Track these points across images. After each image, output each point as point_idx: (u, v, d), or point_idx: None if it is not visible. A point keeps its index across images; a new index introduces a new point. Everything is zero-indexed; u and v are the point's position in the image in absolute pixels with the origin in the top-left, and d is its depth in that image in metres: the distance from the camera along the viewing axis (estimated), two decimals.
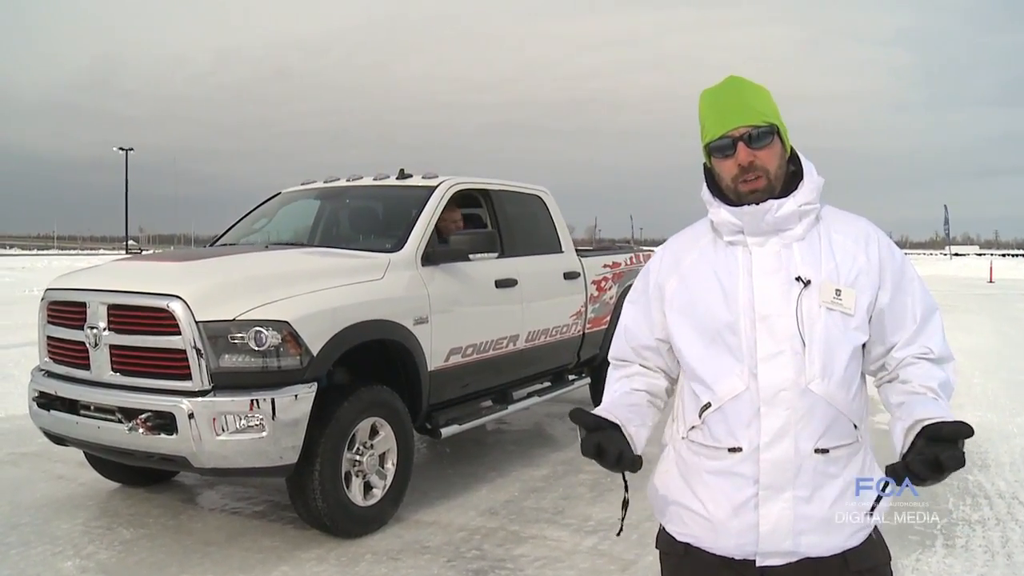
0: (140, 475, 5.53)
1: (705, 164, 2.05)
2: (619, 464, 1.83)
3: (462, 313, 5.53)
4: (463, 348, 5.51)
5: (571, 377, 7.35)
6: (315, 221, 6.38)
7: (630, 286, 7.59)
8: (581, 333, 7.16)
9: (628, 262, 8.11)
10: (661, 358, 2.14)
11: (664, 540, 2.11)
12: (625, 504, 2.02)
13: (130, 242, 68.56)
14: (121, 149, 62.96)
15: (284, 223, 6.36)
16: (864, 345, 1.93)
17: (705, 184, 2.05)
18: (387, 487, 4.87)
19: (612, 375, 2.23)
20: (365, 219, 6.32)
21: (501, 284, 5.95)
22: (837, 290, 1.87)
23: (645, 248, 9.47)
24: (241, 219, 6.56)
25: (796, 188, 1.94)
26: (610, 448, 1.84)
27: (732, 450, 1.90)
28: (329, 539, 4.64)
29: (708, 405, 1.94)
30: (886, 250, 1.96)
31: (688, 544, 2.01)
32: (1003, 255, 68.83)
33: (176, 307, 4.18)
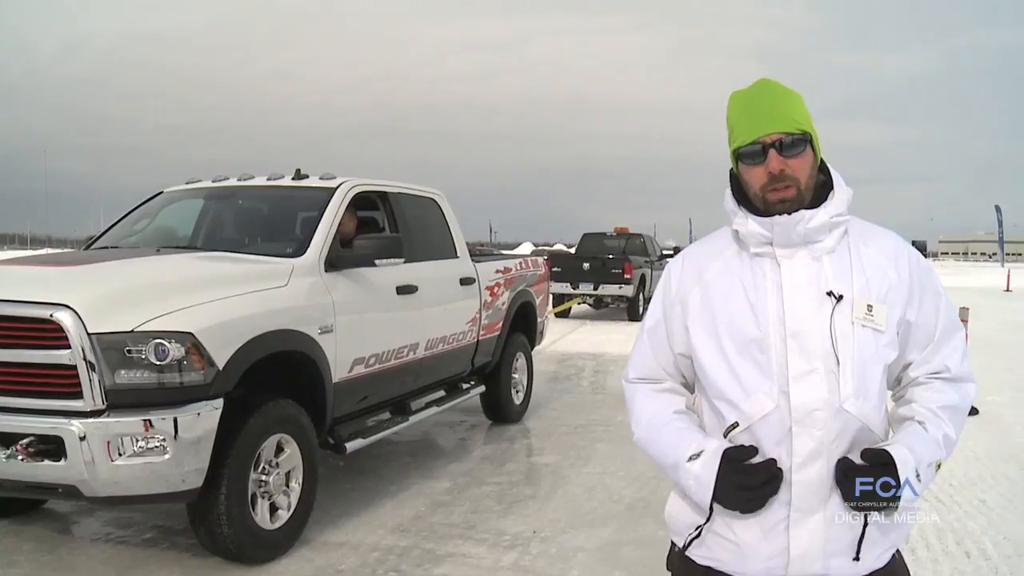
0: (2, 504, 4.98)
1: (732, 170, 1.95)
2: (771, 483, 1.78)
3: (366, 321, 5.28)
4: (366, 358, 5.26)
5: (465, 386, 7.20)
6: (203, 223, 5.94)
7: (521, 291, 7.60)
8: (476, 340, 7.01)
9: (518, 267, 8.05)
10: (682, 374, 2.05)
11: (680, 563, 1.98)
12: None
13: None
14: None
15: (169, 225, 5.89)
16: None
17: (729, 191, 1.95)
18: (293, 508, 4.56)
19: (646, 392, 2.08)
20: (261, 222, 5.93)
21: (402, 291, 5.73)
22: (869, 306, 1.82)
23: (509, 254, 9.39)
24: (120, 219, 6.02)
25: (826, 199, 1.87)
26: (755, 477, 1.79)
27: None
28: (234, 567, 4.29)
29: (735, 425, 1.84)
30: (915, 266, 1.92)
31: (710, 568, 1.90)
32: None
33: (64, 317, 3.74)
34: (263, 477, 4.38)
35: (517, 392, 8.04)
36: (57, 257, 5.44)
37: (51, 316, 3.75)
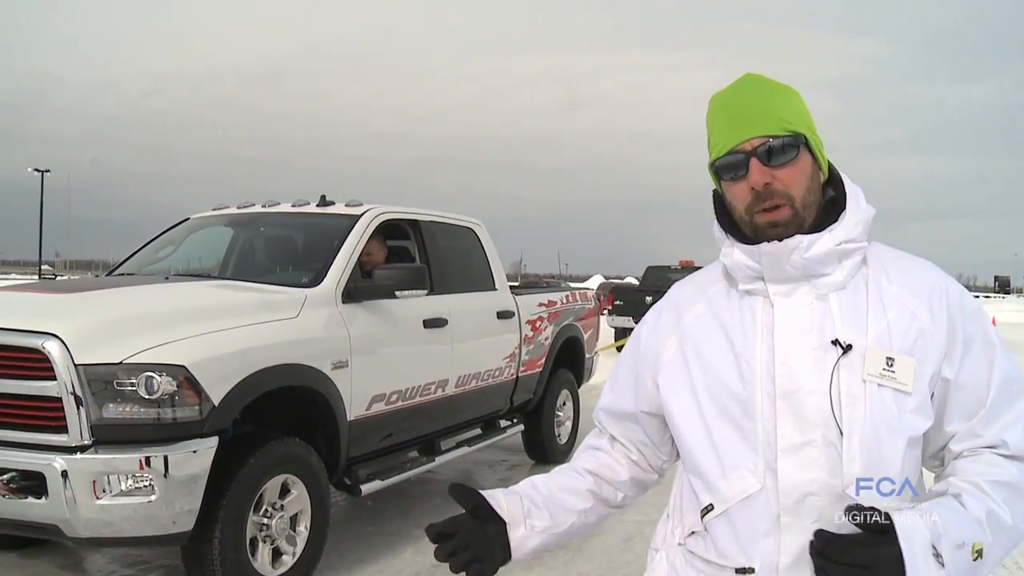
0: (8, 538, 4.81)
1: (715, 190, 1.58)
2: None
3: (387, 356, 5.01)
4: (387, 395, 4.98)
5: (503, 424, 6.87)
6: (226, 250, 5.77)
7: (567, 325, 7.26)
8: (515, 377, 6.69)
9: (564, 300, 7.70)
10: (643, 435, 1.69)
11: None
12: None
13: (44, 267, 65.51)
14: (36, 171, 60.29)
15: (192, 251, 5.74)
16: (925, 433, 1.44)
17: (715, 216, 1.58)
18: (299, 553, 4.29)
19: (584, 441, 1.82)
20: (281, 249, 5.75)
21: (430, 324, 5.45)
22: (889, 358, 1.39)
23: (573, 287, 9.07)
24: (144, 245, 5.91)
25: (836, 220, 1.47)
26: (464, 550, 1.50)
27: (741, 571, 1.44)
28: None
29: (710, 508, 1.48)
30: (957, 305, 1.46)
31: None
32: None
33: (52, 347, 3.56)
34: (265, 520, 4.12)
35: (561, 431, 7.68)
36: (57, 284, 5.34)
37: (41, 346, 3.58)
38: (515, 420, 7.08)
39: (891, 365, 1.39)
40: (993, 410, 1.43)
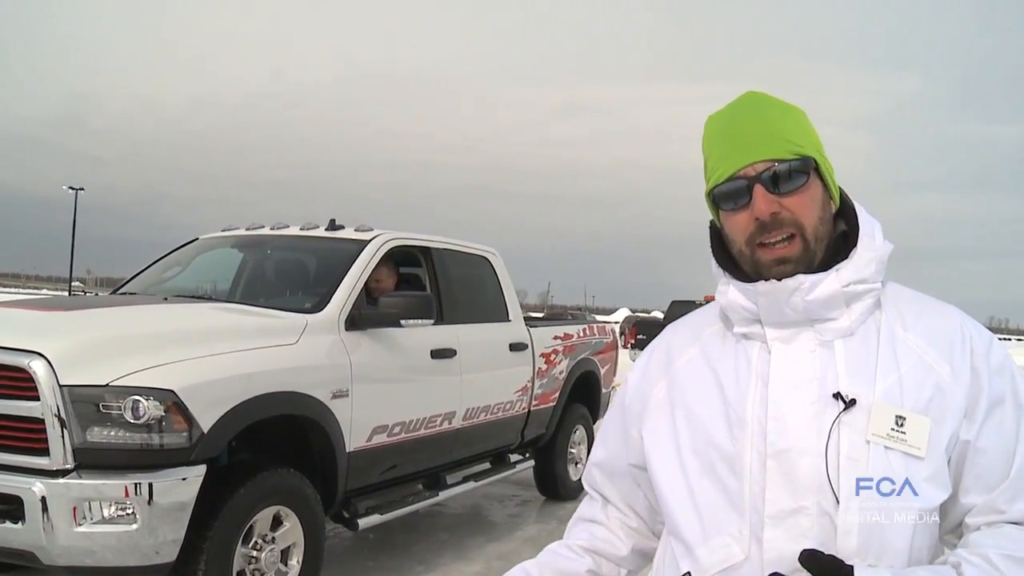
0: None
1: (712, 222, 1.41)
2: None
3: (390, 386, 4.86)
4: (389, 426, 4.82)
5: (514, 459, 6.69)
6: (230, 272, 5.67)
7: (583, 359, 7.08)
8: (526, 410, 6.50)
9: (581, 334, 7.52)
10: (640, 495, 1.49)
11: None
12: None
13: (75, 283, 66.44)
14: (71, 188, 61.17)
15: (197, 272, 5.63)
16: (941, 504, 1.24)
17: (712, 250, 1.41)
18: None
19: (577, 512, 1.62)
20: (286, 273, 5.62)
21: (437, 354, 5.30)
22: (899, 417, 1.21)
23: (599, 319, 8.90)
24: (151, 265, 5.82)
25: (847, 257, 1.29)
26: None
27: None
28: None
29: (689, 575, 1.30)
30: (983, 358, 1.26)
31: None
32: None
33: (37, 366, 3.44)
34: (254, 552, 3.97)
35: (575, 467, 7.48)
36: (51, 302, 5.24)
37: (27, 365, 3.47)
38: (526, 455, 6.90)
39: (901, 425, 1.20)
40: (1018, 483, 1.23)
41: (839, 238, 1.33)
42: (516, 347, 6.35)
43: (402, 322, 4.88)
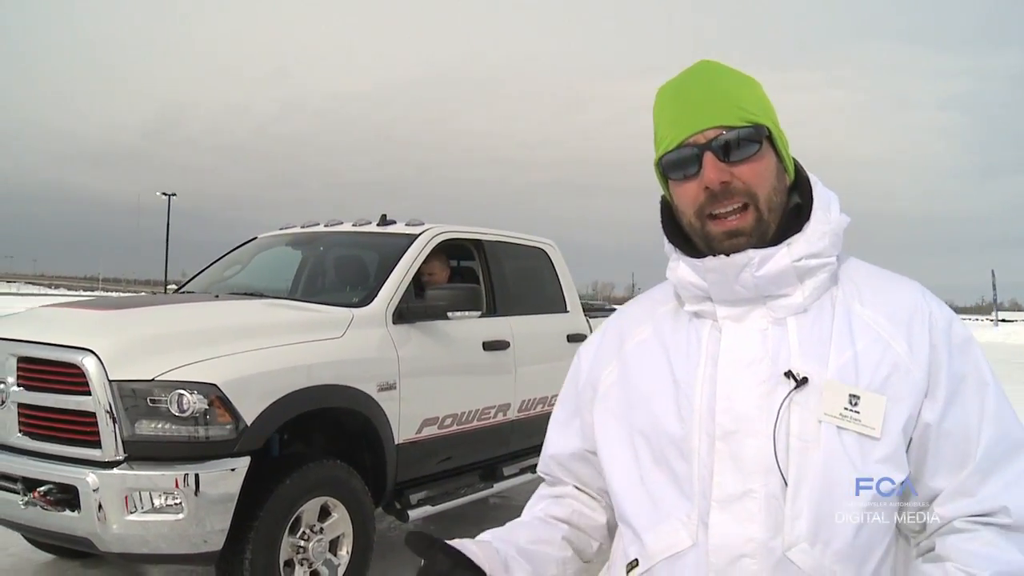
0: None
1: (663, 197, 1.38)
2: None
3: (440, 379, 4.89)
4: (440, 418, 4.86)
5: None
6: (287, 269, 5.81)
7: None
8: None
9: None
10: (600, 477, 1.44)
11: None
12: None
13: (170, 286, 68.95)
14: (163, 194, 63.61)
15: (255, 271, 5.77)
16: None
17: (662, 225, 1.37)
18: None
19: (536, 493, 1.56)
20: (338, 269, 5.70)
21: (490, 346, 5.31)
22: (853, 396, 1.17)
23: None
24: (211, 264, 6.00)
25: (800, 231, 1.25)
26: None
27: None
28: None
29: (635, 563, 1.27)
30: (943, 334, 1.21)
31: None
32: None
33: (88, 363, 3.59)
34: (302, 542, 4.05)
35: None
36: (106, 301, 5.42)
37: (80, 361, 3.62)
38: None
39: (855, 404, 1.16)
40: (987, 464, 1.18)
41: (792, 211, 1.28)
42: (574, 338, 6.30)
43: (449, 314, 4.90)
